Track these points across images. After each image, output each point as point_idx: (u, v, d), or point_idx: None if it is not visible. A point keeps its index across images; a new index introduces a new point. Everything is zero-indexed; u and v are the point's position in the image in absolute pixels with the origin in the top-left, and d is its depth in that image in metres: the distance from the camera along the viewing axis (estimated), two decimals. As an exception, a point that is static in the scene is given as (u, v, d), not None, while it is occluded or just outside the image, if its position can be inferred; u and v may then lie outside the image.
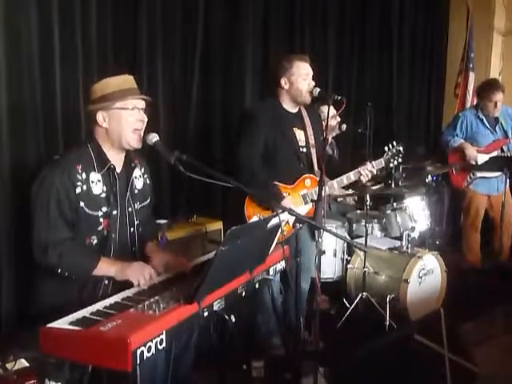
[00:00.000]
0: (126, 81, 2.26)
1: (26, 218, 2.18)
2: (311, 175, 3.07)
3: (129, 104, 2.20)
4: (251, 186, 2.57)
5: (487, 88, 4.42)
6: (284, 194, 2.96)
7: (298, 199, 3.02)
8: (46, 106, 3.01)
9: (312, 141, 3.10)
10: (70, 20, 3.08)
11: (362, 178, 3.08)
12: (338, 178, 3.06)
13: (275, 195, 2.89)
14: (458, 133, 4.52)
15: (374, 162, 3.13)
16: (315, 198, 3.02)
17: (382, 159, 3.17)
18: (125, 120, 2.19)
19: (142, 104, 2.26)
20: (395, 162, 3.21)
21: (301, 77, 2.99)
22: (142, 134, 2.24)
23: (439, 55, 6.19)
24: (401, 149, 3.20)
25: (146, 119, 2.26)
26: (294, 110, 3.11)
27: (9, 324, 2.84)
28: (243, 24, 4.21)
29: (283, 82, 3.02)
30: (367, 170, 3.07)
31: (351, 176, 3.08)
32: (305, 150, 3.09)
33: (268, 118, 2.98)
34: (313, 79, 3.03)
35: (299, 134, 3.08)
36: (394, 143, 3.20)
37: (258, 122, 2.97)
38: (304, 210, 3.01)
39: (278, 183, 2.99)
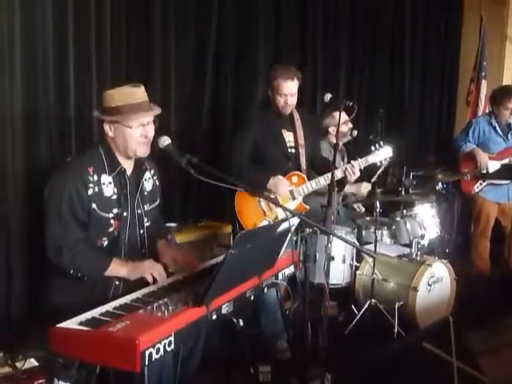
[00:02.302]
0: (134, 94, 2.18)
1: (39, 219, 2.20)
2: (298, 172, 3.21)
3: (133, 122, 2.16)
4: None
5: (503, 95, 4.40)
6: (278, 176, 3.08)
7: (286, 195, 3.14)
8: (60, 109, 3.04)
9: (302, 142, 3.24)
10: (84, 24, 3.11)
11: (347, 175, 3.15)
12: (325, 175, 3.14)
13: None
14: (471, 139, 4.50)
15: (359, 160, 3.21)
16: (302, 194, 3.20)
17: (368, 157, 3.24)
18: (129, 135, 2.18)
19: (148, 119, 2.21)
20: (384, 162, 3.29)
21: (278, 93, 3.13)
22: (150, 144, 2.24)
23: (452, 63, 6.15)
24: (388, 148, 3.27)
25: (152, 133, 2.23)
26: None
27: (19, 323, 2.86)
28: (255, 26, 4.23)
29: (269, 89, 3.20)
30: (353, 168, 3.14)
31: (337, 173, 3.14)
32: (293, 150, 3.24)
33: (258, 120, 3.17)
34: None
35: (288, 136, 3.23)
36: (381, 143, 3.26)
37: (248, 125, 3.18)
38: (292, 206, 3.13)
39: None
